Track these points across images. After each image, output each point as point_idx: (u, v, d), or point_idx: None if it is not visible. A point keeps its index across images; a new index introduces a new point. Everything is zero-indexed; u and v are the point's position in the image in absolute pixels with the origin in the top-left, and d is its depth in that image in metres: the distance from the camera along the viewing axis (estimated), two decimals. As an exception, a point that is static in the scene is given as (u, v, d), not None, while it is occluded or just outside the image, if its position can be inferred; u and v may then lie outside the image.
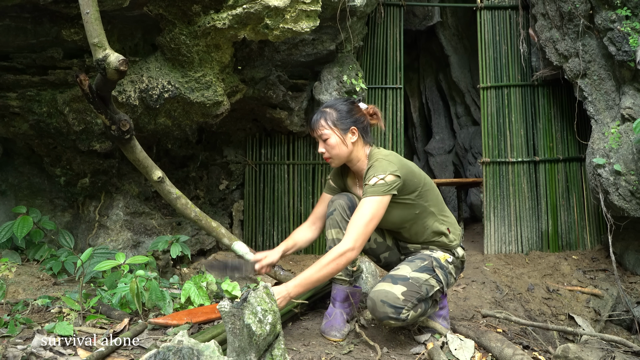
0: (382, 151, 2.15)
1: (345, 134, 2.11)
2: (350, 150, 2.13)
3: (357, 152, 2.15)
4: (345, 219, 2.12)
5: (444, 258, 2.16)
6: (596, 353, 2.00)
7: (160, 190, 2.65)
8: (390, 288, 1.97)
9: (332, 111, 2.14)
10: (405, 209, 2.11)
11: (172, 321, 2.12)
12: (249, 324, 1.57)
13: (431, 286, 2.07)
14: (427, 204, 2.14)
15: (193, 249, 3.77)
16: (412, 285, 2.00)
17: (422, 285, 2.03)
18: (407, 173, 2.07)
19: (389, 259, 2.31)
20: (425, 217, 2.16)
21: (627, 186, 3.44)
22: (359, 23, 4.18)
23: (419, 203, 2.12)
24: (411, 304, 1.98)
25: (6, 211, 3.31)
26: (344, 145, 2.11)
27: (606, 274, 3.89)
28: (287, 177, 4.54)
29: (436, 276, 2.09)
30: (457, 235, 2.26)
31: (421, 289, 2.02)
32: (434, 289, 2.08)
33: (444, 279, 2.12)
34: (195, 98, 3.23)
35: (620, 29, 3.44)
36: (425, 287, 2.04)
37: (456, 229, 2.28)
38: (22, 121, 3.16)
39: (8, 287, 2.66)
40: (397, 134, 4.54)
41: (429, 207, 2.15)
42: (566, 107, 4.43)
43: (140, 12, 2.85)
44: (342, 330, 2.12)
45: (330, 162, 2.17)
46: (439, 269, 2.11)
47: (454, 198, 7.13)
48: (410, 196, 2.09)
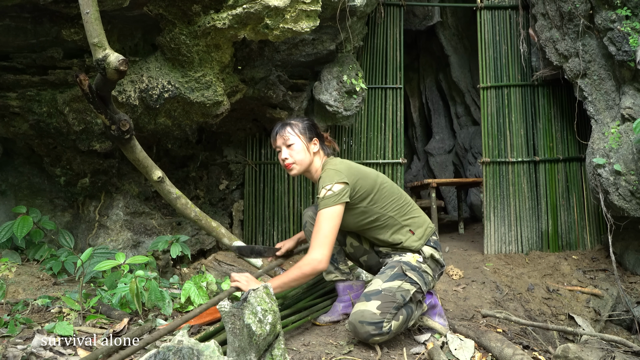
0: (334, 160, 2.23)
1: (309, 142, 2.25)
2: (311, 159, 2.25)
3: (316, 162, 2.27)
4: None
5: (414, 259, 2.18)
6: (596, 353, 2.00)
7: (160, 190, 2.65)
8: (365, 306, 2.00)
9: (298, 123, 2.29)
10: (358, 216, 2.19)
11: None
12: (249, 324, 1.57)
13: (406, 291, 2.08)
14: (382, 210, 2.19)
15: (193, 249, 3.77)
16: (386, 297, 2.02)
17: (396, 293, 2.05)
18: (357, 179, 2.15)
19: (369, 262, 2.38)
20: (383, 222, 2.20)
21: (627, 186, 3.44)
22: (359, 23, 4.18)
23: (373, 210, 2.18)
24: (390, 314, 2.00)
25: (6, 211, 3.31)
26: (307, 153, 2.24)
27: (606, 274, 3.89)
28: (287, 177, 4.54)
29: (409, 279, 2.11)
30: (423, 235, 2.25)
31: (396, 297, 2.04)
32: (410, 292, 2.09)
33: (420, 279, 2.13)
34: (195, 98, 3.23)
35: (620, 29, 3.44)
36: (399, 294, 2.05)
37: (424, 228, 2.27)
38: (22, 121, 3.16)
39: (8, 287, 2.66)
40: (397, 134, 4.54)
41: (386, 212, 2.20)
42: (566, 107, 4.43)
43: (140, 12, 2.85)
44: (331, 317, 2.29)
45: (292, 168, 2.24)
46: (411, 271, 2.13)
47: (454, 198, 7.13)
48: (362, 204, 2.16)
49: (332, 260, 2.30)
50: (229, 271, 3.40)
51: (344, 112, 4.08)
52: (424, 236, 2.25)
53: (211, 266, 3.44)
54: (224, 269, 3.42)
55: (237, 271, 3.40)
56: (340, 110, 4.05)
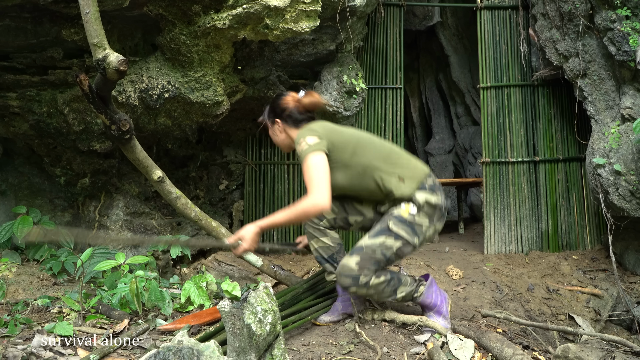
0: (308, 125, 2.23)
1: (272, 126, 2.33)
2: (283, 137, 2.31)
3: (292, 136, 2.27)
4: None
5: (406, 212, 2.14)
6: (596, 353, 2.00)
7: (160, 190, 2.65)
8: (347, 261, 2.11)
9: (266, 107, 2.37)
10: (345, 171, 2.15)
11: (180, 325, 2.13)
12: (249, 324, 1.57)
13: (388, 247, 2.10)
14: (366, 161, 2.15)
15: (193, 249, 3.77)
16: (365, 254, 2.09)
17: (377, 250, 2.09)
18: (329, 132, 2.14)
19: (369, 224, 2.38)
20: (371, 173, 2.15)
21: (627, 186, 3.43)
22: (359, 23, 4.18)
23: (357, 162, 2.15)
24: (367, 270, 2.07)
25: (6, 211, 3.31)
26: (276, 136, 2.34)
27: (606, 274, 3.89)
28: (287, 177, 4.54)
29: (394, 234, 2.11)
30: (414, 180, 2.18)
31: (375, 254, 2.09)
32: (393, 249, 2.11)
33: (408, 233, 2.12)
34: (195, 98, 3.23)
35: (620, 29, 3.44)
36: (380, 250, 2.10)
37: (414, 174, 2.20)
38: (22, 121, 3.16)
39: (8, 287, 2.66)
40: (397, 134, 4.54)
41: (371, 162, 2.15)
42: (566, 107, 4.43)
43: (140, 12, 2.85)
44: (331, 317, 2.32)
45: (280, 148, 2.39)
46: (399, 225, 2.12)
47: (454, 198, 7.13)
48: (344, 156, 2.13)
49: (332, 259, 2.30)
50: (229, 271, 3.40)
51: (344, 112, 4.08)
52: (415, 181, 2.18)
53: (211, 266, 3.44)
54: (224, 269, 3.42)
55: (237, 271, 3.41)
56: (340, 110, 4.05)
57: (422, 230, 2.17)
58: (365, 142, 2.20)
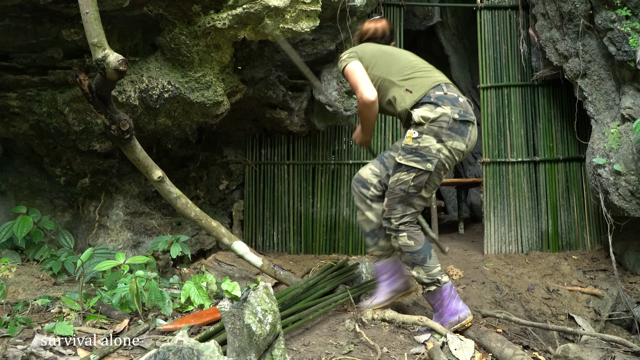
0: None
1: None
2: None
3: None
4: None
5: (409, 138, 2.16)
6: (596, 353, 2.00)
7: (160, 190, 2.65)
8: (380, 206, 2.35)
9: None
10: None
11: (180, 325, 2.12)
12: (249, 324, 1.57)
13: (404, 182, 2.18)
14: (380, 74, 2.31)
15: (193, 249, 3.77)
16: (389, 194, 2.25)
17: (395, 188, 2.22)
18: (361, 50, 2.39)
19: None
20: (386, 86, 2.28)
21: (627, 186, 3.43)
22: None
23: (373, 74, 2.31)
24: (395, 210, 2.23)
25: (6, 211, 3.31)
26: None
27: (606, 274, 3.89)
28: (287, 177, 4.54)
29: (404, 167, 2.17)
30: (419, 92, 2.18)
31: (395, 192, 2.22)
32: (409, 183, 2.17)
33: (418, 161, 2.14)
34: (195, 98, 3.23)
35: (620, 29, 3.44)
36: (397, 187, 2.20)
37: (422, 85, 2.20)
38: (22, 121, 3.16)
39: (8, 287, 2.66)
40: (398, 134, 4.53)
41: (385, 75, 2.28)
42: (566, 107, 4.43)
43: (140, 12, 2.85)
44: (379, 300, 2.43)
45: None
46: (407, 156, 2.16)
47: (454, 198, 7.13)
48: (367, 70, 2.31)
49: (373, 234, 2.40)
50: (229, 271, 3.40)
51: (344, 112, 4.08)
52: (419, 93, 2.17)
53: (211, 266, 3.44)
54: (224, 269, 3.42)
55: (237, 271, 3.41)
56: (340, 110, 4.05)
57: (431, 153, 2.11)
58: (387, 56, 2.35)
